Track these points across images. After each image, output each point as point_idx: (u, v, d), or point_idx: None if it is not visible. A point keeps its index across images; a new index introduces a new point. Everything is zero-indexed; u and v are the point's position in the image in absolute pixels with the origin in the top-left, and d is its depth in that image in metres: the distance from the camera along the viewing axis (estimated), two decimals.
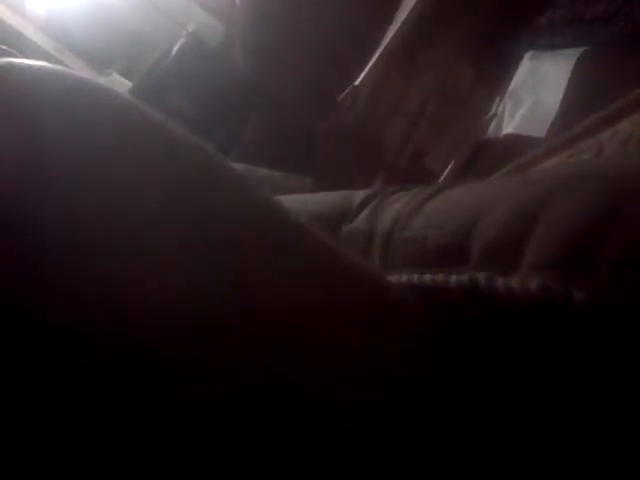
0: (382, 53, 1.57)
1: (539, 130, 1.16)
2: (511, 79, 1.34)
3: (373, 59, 1.59)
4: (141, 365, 0.22)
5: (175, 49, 2.12)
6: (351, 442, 0.23)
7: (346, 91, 1.59)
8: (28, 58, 0.27)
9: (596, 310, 0.23)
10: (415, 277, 0.31)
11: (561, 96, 1.16)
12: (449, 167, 1.40)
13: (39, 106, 0.25)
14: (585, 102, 1.08)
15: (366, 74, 1.56)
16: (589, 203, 0.26)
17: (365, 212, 0.43)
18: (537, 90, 1.25)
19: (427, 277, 0.31)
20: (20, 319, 0.21)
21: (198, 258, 0.24)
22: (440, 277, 0.30)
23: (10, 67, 0.25)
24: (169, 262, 0.23)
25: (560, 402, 0.26)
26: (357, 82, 1.57)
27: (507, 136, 1.27)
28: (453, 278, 0.29)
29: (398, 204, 0.40)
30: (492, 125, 1.33)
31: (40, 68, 0.26)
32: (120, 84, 2.10)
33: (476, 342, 0.28)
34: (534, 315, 0.25)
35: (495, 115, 1.34)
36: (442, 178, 1.38)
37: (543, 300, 0.24)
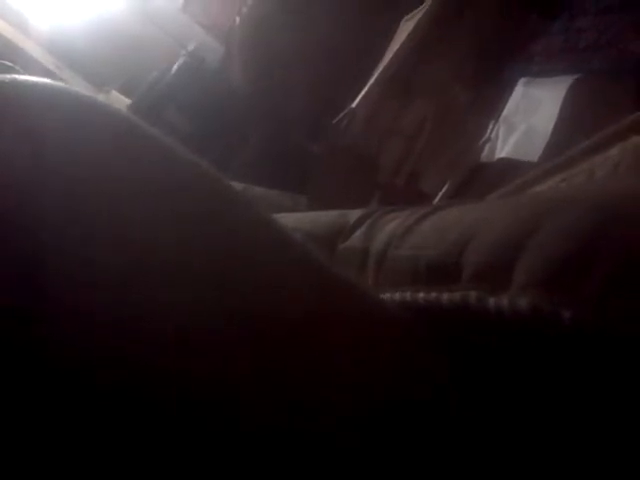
0: (379, 76, 1.59)
1: (532, 155, 1.18)
2: (505, 104, 1.36)
3: (370, 81, 1.61)
4: (141, 377, 0.22)
5: (174, 68, 2.14)
6: (346, 453, 0.24)
7: (343, 112, 1.61)
8: (28, 74, 0.27)
9: (584, 329, 0.24)
10: (408, 295, 0.32)
11: (554, 122, 1.17)
12: (443, 189, 1.41)
13: (41, 123, 0.25)
14: (577, 128, 1.09)
15: (363, 96, 1.58)
16: (578, 225, 0.26)
17: (360, 231, 0.43)
18: (530, 116, 1.27)
19: (420, 295, 0.31)
20: (20, 330, 0.21)
21: (199, 273, 0.24)
22: (432, 295, 0.30)
23: (14, 84, 0.26)
24: (169, 276, 0.23)
25: (549, 417, 0.27)
26: (354, 104, 1.59)
27: (500, 160, 1.28)
28: (445, 296, 0.29)
29: (393, 223, 0.40)
30: (486, 149, 1.35)
31: (43, 85, 0.26)
32: (119, 101, 2.11)
33: (467, 359, 0.29)
34: (523, 333, 0.26)
35: (489, 139, 1.35)
36: (436, 200, 1.39)
37: (532, 319, 0.25)
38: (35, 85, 0.26)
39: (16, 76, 0.26)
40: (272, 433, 0.23)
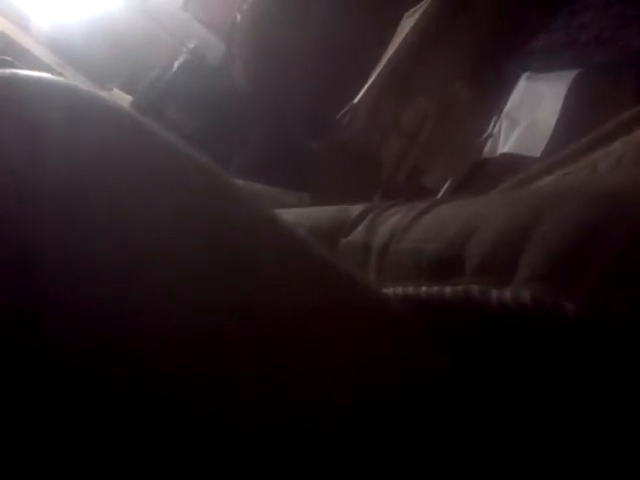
0: (381, 72, 1.59)
1: (534, 150, 1.17)
2: (507, 100, 1.35)
3: (372, 77, 1.60)
4: (141, 373, 0.22)
5: (176, 65, 2.14)
6: (346, 453, 0.24)
7: (344, 109, 1.60)
8: (25, 69, 0.27)
9: (586, 321, 0.23)
10: (410, 289, 0.32)
11: (556, 117, 1.17)
12: (446, 185, 1.41)
13: (41, 118, 0.25)
14: (579, 123, 1.09)
15: (364, 92, 1.58)
16: (579, 218, 0.26)
17: (362, 226, 0.43)
18: (533, 111, 1.27)
19: (422, 289, 0.31)
20: (19, 326, 0.21)
21: (200, 269, 0.24)
22: (435, 289, 0.30)
23: (13, 78, 0.26)
24: (170, 272, 0.23)
25: (550, 408, 0.27)
26: (355, 100, 1.58)
27: (503, 156, 1.28)
28: (448, 290, 0.29)
29: (394, 218, 0.40)
30: (488, 145, 1.34)
31: (42, 80, 0.26)
32: (121, 99, 2.11)
33: (470, 352, 0.29)
34: (527, 326, 0.26)
35: (491, 135, 1.35)
36: (439, 196, 1.39)
37: (535, 312, 0.25)
38: (35, 80, 0.26)
39: (16, 70, 0.26)
40: (272, 432, 0.23)
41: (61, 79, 0.27)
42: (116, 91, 2.21)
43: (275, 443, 0.22)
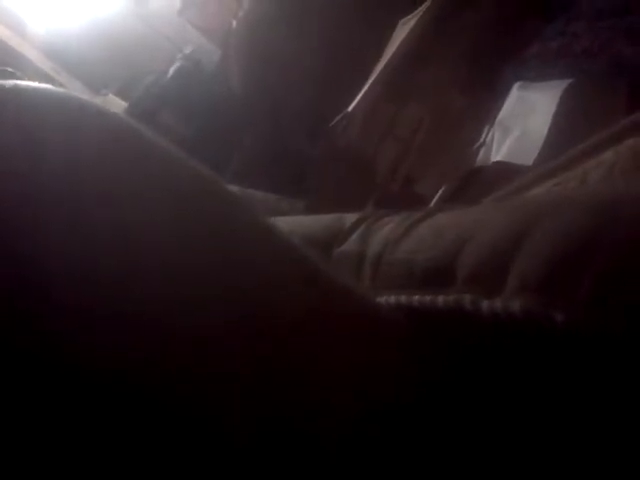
0: (376, 79, 1.60)
1: (527, 159, 1.18)
2: (500, 108, 1.36)
3: (366, 85, 1.61)
4: (140, 374, 0.22)
5: (171, 71, 2.15)
6: (343, 454, 0.24)
7: (339, 116, 1.61)
8: (25, 77, 0.28)
9: (576, 332, 0.24)
10: (403, 298, 0.32)
11: (548, 126, 1.18)
12: (439, 193, 1.41)
13: (43, 129, 0.25)
14: (572, 132, 1.10)
15: (359, 100, 1.59)
16: (571, 229, 0.27)
17: (356, 235, 0.44)
18: (525, 120, 1.28)
19: (415, 298, 0.31)
20: (20, 326, 0.22)
21: (198, 272, 0.24)
22: (427, 298, 0.31)
23: (15, 90, 0.26)
24: (169, 275, 0.24)
25: (540, 419, 0.27)
26: (351, 107, 1.59)
27: (495, 164, 1.29)
28: (440, 299, 0.30)
29: (388, 227, 0.41)
30: (481, 153, 1.35)
31: (45, 91, 0.27)
32: (116, 105, 2.11)
33: (461, 361, 0.29)
34: (517, 336, 0.26)
35: (484, 143, 1.36)
36: (432, 204, 1.40)
37: (525, 322, 0.25)
38: (36, 91, 0.26)
39: (18, 82, 0.27)
40: (273, 433, 0.23)
41: (62, 90, 0.28)
42: (111, 97, 2.21)
43: (275, 444, 0.23)
